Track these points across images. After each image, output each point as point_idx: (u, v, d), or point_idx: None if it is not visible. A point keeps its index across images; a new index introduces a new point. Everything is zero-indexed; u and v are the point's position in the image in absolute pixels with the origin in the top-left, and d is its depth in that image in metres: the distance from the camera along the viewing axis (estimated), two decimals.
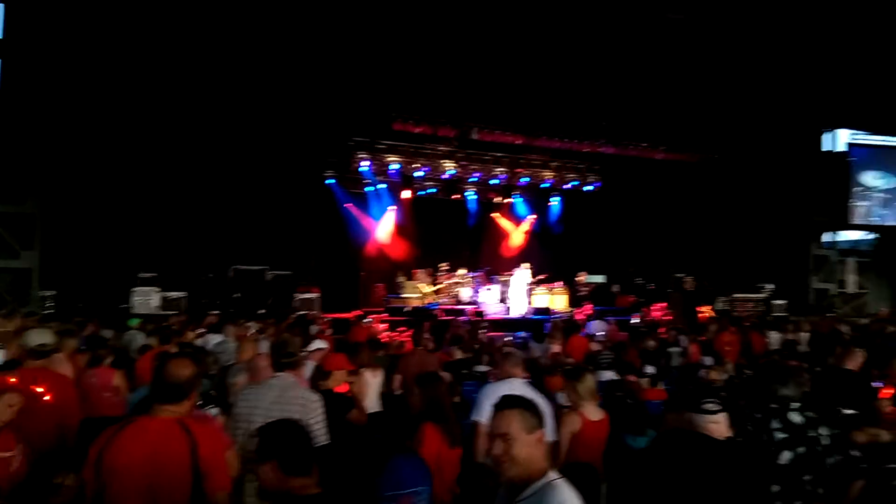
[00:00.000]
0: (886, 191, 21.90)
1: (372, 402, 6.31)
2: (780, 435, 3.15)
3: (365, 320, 13.96)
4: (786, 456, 3.11)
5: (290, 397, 3.60)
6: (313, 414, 3.60)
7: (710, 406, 2.71)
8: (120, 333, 9.62)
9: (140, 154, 15.80)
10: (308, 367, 5.94)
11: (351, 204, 19.99)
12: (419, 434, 3.50)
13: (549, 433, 3.82)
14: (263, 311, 14.87)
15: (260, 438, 2.60)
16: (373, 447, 3.74)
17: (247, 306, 15.22)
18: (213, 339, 8.83)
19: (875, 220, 22.09)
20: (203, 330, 10.21)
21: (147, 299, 14.73)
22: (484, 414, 3.76)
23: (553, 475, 2.35)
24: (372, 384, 6.48)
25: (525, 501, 2.28)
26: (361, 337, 11.38)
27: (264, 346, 8.61)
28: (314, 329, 11.29)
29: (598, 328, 13.35)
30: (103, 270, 15.40)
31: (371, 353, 6.99)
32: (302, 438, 2.63)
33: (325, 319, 13.78)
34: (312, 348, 6.65)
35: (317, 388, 4.69)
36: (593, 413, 4.13)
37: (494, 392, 3.78)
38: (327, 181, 19.25)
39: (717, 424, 2.70)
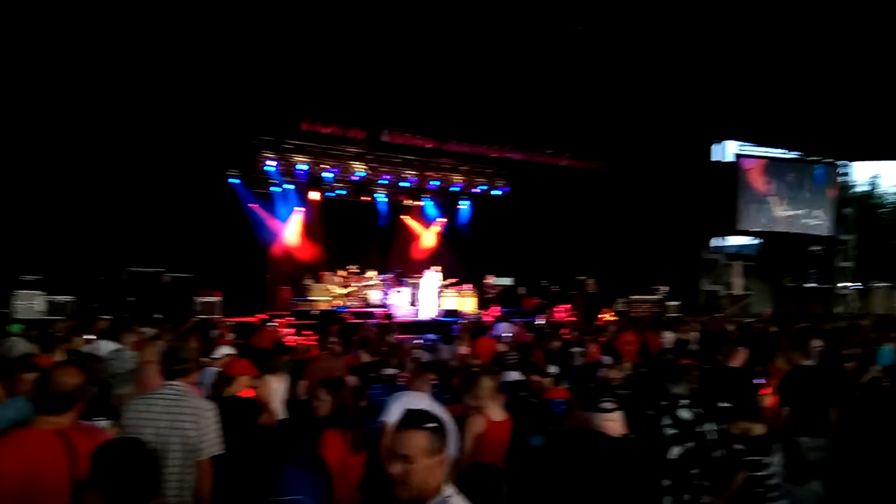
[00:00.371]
0: (769, 199, 23.69)
1: (277, 408, 6.14)
2: (671, 431, 3.32)
3: (270, 324, 13.56)
4: (676, 451, 3.29)
5: (182, 407, 3.43)
6: (205, 424, 3.44)
7: (606, 405, 2.80)
8: (0, 340, 8.87)
9: (23, 145, 14.62)
10: (208, 374, 5.70)
11: (256, 204, 19.37)
12: (322, 440, 3.44)
13: (451, 448, 3.86)
14: (160, 315, 14.15)
15: (92, 464, 2.29)
16: (274, 454, 3.61)
17: (142, 311, 14.45)
18: (106, 347, 8.29)
19: (759, 227, 23.86)
20: (93, 336, 9.59)
21: (30, 304, 13.71)
22: (393, 416, 3.75)
23: (448, 491, 2.28)
24: (277, 390, 6.31)
25: None
26: (266, 341, 11.06)
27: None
28: (215, 334, 10.85)
29: (505, 329, 13.61)
30: None
31: (276, 359, 6.79)
32: (141, 466, 2.32)
33: (228, 324, 13.28)
34: (219, 355, 6.38)
35: (220, 395, 4.52)
36: (496, 414, 4.18)
37: (405, 400, 3.78)
38: (231, 180, 18.56)
39: (613, 422, 2.79)
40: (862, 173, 52.48)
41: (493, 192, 21.69)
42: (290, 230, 19.95)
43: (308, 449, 3.52)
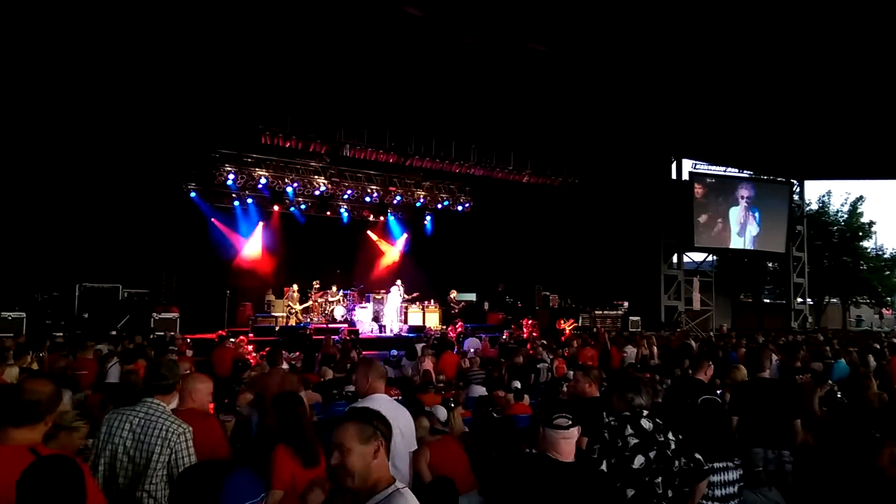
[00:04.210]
0: (724, 217, 24.32)
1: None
2: (633, 440, 3.35)
3: (230, 340, 13.27)
4: (639, 460, 3.30)
5: (154, 425, 3.35)
6: (177, 442, 3.37)
7: (561, 421, 2.79)
8: None
9: None
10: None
11: (215, 219, 19.06)
12: (272, 456, 3.38)
13: (406, 444, 3.84)
14: (115, 332, 13.75)
15: (19, 483, 2.12)
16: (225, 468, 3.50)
17: (97, 327, 14.02)
18: None
19: (715, 244, 24.45)
20: (42, 354, 9.28)
21: None
22: None
23: (400, 484, 2.41)
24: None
25: None
26: (226, 358, 10.83)
27: (114, 372, 7.98)
28: (172, 350, 10.58)
29: (473, 344, 13.65)
30: None
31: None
32: (65, 487, 2.14)
33: (187, 341, 12.96)
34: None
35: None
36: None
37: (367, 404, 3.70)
38: (190, 194, 18.24)
39: (568, 440, 2.78)
40: (813, 192, 54.75)
41: (456, 208, 21.77)
42: (252, 245, 19.67)
43: (259, 463, 3.45)
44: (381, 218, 22.04)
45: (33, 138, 14.66)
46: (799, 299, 27.09)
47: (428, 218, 22.51)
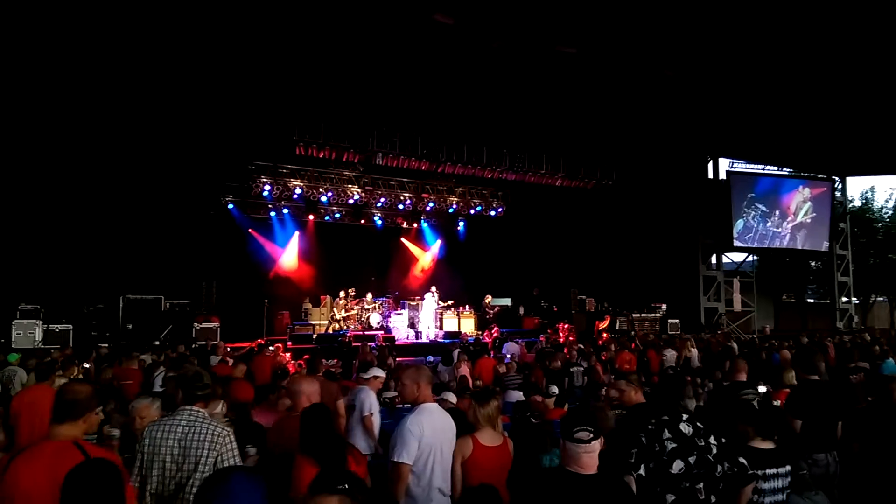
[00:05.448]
0: (763, 215, 23.76)
1: None
2: (671, 445, 3.29)
3: (269, 349, 13.48)
4: (678, 465, 3.25)
5: (199, 432, 3.43)
6: (223, 448, 3.45)
7: (581, 435, 2.68)
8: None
9: (19, 176, 14.68)
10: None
11: (253, 229, 19.43)
12: (294, 465, 3.41)
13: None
14: (158, 342, 14.09)
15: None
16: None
17: (140, 338, 14.39)
18: None
19: (755, 244, 23.89)
20: (89, 365, 9.56)
21: (28, 333, 13.68)
22: (410, 455, 3.60)
23: None
24: None
25: None
26: (265, 366, 11.00)
27: (159, 380, 8.17)
28: (214, 359, 10.80)
29: (511, 349, 13.62)
30: None
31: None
32: (107, 489, 2.30)
33: (227, 349, 13.20)
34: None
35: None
36: (488, 438, 4.08)
37: (417, 425, 3.66)
38: (228, 206, 18.65)
39: (590, 454, 2.67)
40: (855, 188, 52.97)
41: (489, 213, 21.75)
42: (288, 254, 19.97)
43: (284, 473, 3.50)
44: (415, 225, 22.15)
45: (81, 160, 15.20)
46: (844, 298, 26.30)
47: (461, 223, 22.55)
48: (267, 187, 18.30)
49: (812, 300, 32.47)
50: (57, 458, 2.70)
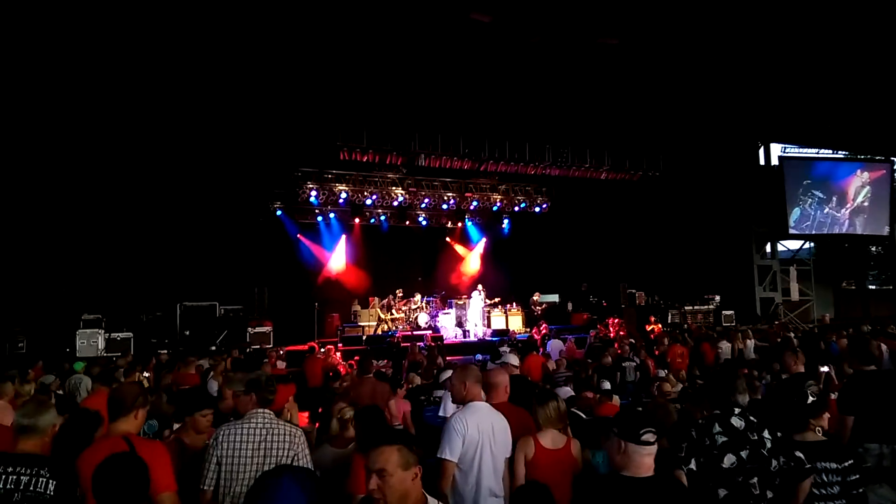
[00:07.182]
0: (819, 201, 22.91)
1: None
2: (722, 439, 3.23)
3: (320, 351, 13.75)
4: (729, 459, 3.18)
5: (276, 433, 3.58)
6: (298, 447, 3.58)
7: (648, 437, 2.62)
8: (65, 377, 9.25)
9: (79, 191, 15.37)
10: None
11: (301, 234, 19.85)
12: (352, 467, 3.49)
13: (502, 451, 3.79)
14: (214, 347, 14.53)
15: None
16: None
17: (197, 343, 14.86)
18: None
19: (811, 230, 23.05)
20: (149, 374, 9.93)
21: (92, 341, 14.28)
22: (454, 452, 3.62)
23: (432, 501, 2.39)
24: None
25: None
26: (317, 368, 11.23)
27: (214, 385, 8.42)
28: (265, 363, 11.06)
29: (556, 346, 13.51)
30: (46, 313, 14.85)
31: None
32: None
33: (279, 352, 13.51)
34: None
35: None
36: (550, 440, 4.04)
37: (461, 422, 3.67)
38: (276, 213, 19.10)
39: (651, 455, 2.60)
40: None
41: (534, 209, 21.62)
42: (336, 258, 20.30)
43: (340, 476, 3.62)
44: (459, 224, 22.19)
45: (138, 178, 15.84)
46: None
47: (505, 221, 22.48)
48: (313, 193, 18.65)
49: (874, 286, 31.07)
50: (107, 452, 2.95)
